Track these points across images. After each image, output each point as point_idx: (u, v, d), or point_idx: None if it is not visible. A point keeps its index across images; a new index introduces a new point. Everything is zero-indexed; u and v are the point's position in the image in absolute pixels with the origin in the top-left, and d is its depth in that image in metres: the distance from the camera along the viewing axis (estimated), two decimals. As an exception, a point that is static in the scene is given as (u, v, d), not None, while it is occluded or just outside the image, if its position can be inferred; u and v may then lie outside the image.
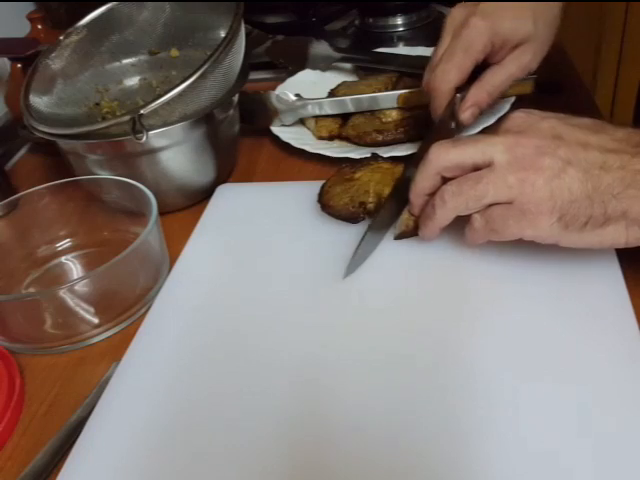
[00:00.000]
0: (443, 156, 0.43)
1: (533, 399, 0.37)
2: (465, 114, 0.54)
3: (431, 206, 0.44)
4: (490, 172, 0.40)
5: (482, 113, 0.56)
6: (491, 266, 0.46)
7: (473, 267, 0.46)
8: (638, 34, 1.27)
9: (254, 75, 0.69)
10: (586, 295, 0.43)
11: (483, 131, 0.58)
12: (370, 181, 0.53)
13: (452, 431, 0.36)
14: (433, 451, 0.35)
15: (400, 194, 0.49)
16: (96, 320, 0.48)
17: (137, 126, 0.53)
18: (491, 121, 0.61)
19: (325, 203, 0.54)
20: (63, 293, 0.45)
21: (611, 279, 0.43)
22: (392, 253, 0.49)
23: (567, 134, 0.40)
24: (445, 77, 0.53)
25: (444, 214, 0.43)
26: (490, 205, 0.41)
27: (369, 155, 0.58)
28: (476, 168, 0.42)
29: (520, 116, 0.43)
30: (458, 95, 0.55)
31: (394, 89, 0.68)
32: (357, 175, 0.54)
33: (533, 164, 0.39)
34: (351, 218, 0.52)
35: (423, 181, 0.44)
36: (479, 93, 0.54)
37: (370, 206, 0.52)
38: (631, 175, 0.37)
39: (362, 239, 0.48)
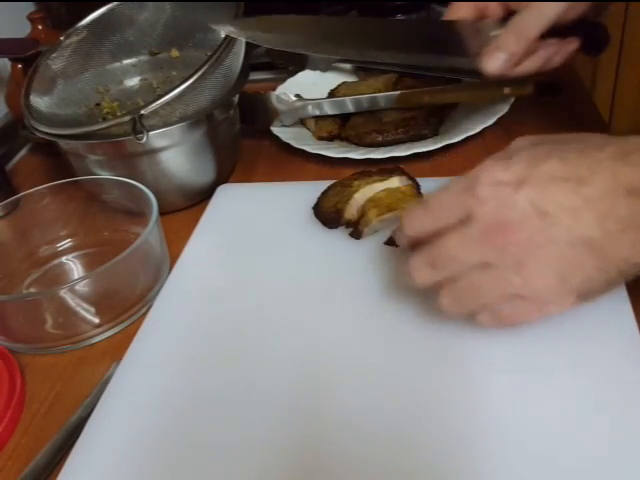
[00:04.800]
0: (417, 227, 0.39)
1: (532, 399, 0.37)
2: (487, 59, 0.52)
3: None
4: (486, 274, 0.36)
5: (518, 64, 0.52)
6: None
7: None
8: (637, 35, 1.27)
9: (254, 76, 0.69)
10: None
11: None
12: (358, 191, 0.52)
13: (451, 430, 0.36)
14: (432, 450, 0.35)
15: None
16: (97, 320, 0.48)
17: (138, 126, 0.53)
18: (490, 121, 0.61)
19: (316, 203, 0.54)
20: (64, 293, 0.46)
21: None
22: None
23: (552, 205, 0.35)
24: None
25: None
26: None
27: (371, 157, 0.58)
28: None
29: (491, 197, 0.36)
30: (488, 20, 0.53)
31: (394, 89, 0.68)
32: (355, 183, 0.53)
33: (531, 257, 0.35)
34: (326, 222, 0.52)
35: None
36: (506, 35, 0.51)
37: (347, 215, 0.51)
38: (634, 232, 0.34)
39: None
